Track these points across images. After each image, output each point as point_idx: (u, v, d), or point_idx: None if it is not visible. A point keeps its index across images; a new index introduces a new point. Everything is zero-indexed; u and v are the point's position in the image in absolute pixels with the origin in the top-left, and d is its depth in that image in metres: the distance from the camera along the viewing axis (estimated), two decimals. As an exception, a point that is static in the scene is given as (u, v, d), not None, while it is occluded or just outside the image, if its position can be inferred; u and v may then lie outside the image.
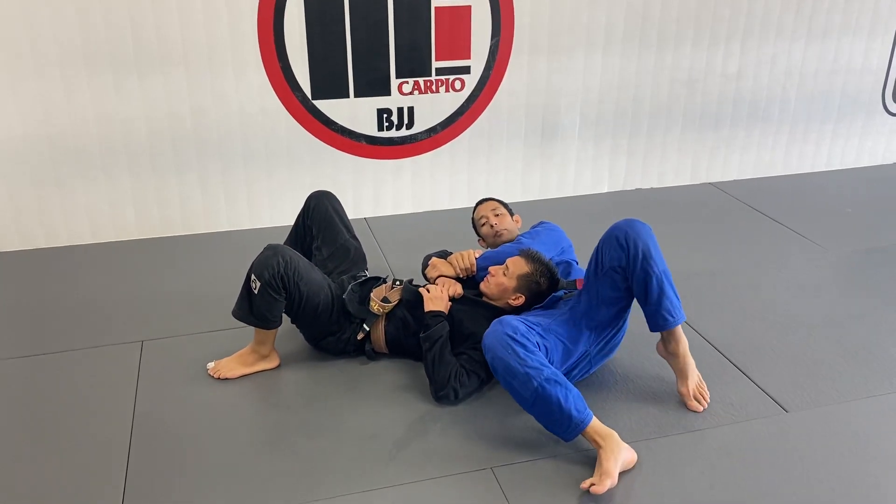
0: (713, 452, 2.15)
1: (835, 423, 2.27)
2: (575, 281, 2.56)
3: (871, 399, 2.38)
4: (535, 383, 2.04)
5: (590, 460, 2.09)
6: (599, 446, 2.03)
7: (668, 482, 2.03)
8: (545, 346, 2.21)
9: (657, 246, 2.23)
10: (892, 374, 2.51)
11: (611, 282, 2.25)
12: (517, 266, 2.51)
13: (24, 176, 3.30)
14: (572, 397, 2.07)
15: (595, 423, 2.06)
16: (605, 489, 1.94)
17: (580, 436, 2.07)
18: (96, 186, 3.40)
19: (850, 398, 2.39)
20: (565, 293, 2.50)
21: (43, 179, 3.32)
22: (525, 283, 2.49)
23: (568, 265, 2.71)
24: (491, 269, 2.55)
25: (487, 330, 2.18)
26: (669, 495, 1.99)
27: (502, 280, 2.50)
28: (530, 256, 2.52)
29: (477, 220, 2.95)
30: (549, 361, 2.18)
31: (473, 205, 3.06)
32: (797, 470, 2.08)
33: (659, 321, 2.25)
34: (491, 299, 2.55)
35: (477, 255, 2.70)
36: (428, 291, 2.52)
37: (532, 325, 2.24)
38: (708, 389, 2.37)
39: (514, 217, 2.94)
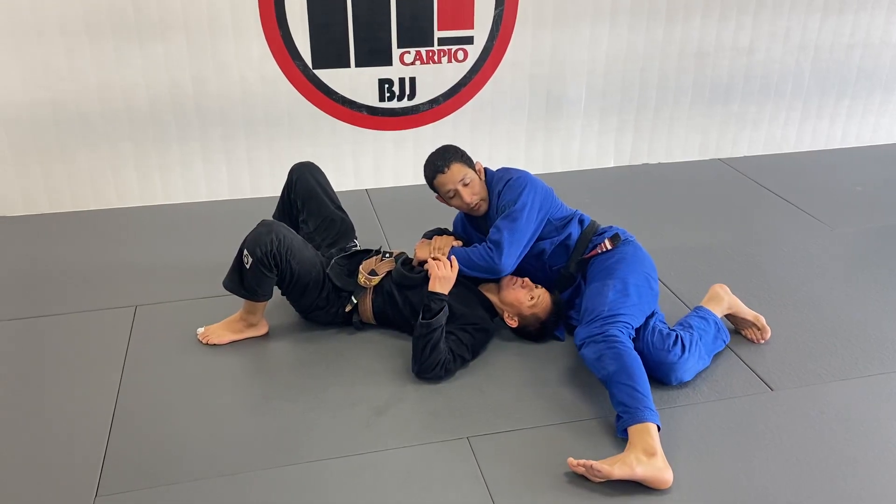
0: (693, 429, 2.13)
1: (819, 403, 2.24)
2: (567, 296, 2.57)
3: (859, 380, 2.35)
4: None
5: (564, 435, 2.09)
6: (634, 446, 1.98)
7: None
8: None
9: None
10: (884, 355, 2.47)
11: None
12: (543, 303, 2.47)
13: (28, 142, 3.34)
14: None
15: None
16: (578, 471, 1.93)
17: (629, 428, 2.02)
18: (99, 153, 3.43)
19: (839, 378, 2.35)
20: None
21: (47, 145, 3.36)
22: (532, 320, 2.47)
23: (580, 219, 2.59)
24: (527, 279, 2.50)
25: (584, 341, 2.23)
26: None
27: (523, 299, 2.46)
28: (558, 310, 2.49)
29: (443, 193, 2.56)
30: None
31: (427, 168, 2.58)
32: (776, 447, 2.06)
33: None
34: (495, 294, 2.51)
35: (456, 244, 2.58)
36: (438, 269, 2.40)
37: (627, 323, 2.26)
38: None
39: (476, 168, 2.59)
